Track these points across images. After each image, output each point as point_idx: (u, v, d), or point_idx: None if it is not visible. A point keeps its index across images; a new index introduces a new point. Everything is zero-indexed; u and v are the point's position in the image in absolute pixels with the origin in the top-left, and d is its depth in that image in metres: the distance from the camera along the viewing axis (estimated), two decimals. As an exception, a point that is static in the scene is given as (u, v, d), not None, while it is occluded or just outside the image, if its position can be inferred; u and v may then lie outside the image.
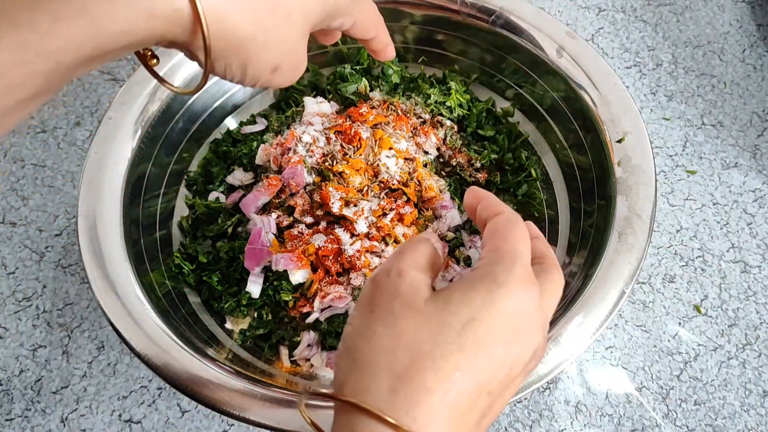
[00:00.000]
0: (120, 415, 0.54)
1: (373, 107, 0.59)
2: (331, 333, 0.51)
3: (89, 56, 0.25)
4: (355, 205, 0.53)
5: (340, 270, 0.51)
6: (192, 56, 0.30)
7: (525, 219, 0.62)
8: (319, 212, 0.53)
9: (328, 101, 0.61)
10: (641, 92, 0.70)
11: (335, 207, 0.52)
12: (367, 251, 0.52)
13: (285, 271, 0.51)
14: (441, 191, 0.57)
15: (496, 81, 0.61)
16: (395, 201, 0.54)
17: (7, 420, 0.53)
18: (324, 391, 0.27)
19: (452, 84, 0.61)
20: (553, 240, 0.55)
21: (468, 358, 0.25)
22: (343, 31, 0.37)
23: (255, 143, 0.59)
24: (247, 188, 0.58)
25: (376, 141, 0.56)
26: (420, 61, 0.64)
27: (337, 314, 0.52)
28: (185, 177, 0.59)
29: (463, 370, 0.24)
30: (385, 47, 0.41)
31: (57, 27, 0.24)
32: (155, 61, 0.32)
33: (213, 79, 0.58)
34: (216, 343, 0.49)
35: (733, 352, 0.56)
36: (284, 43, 0.31)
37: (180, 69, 0.54)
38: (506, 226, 0.30)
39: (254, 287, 0.52)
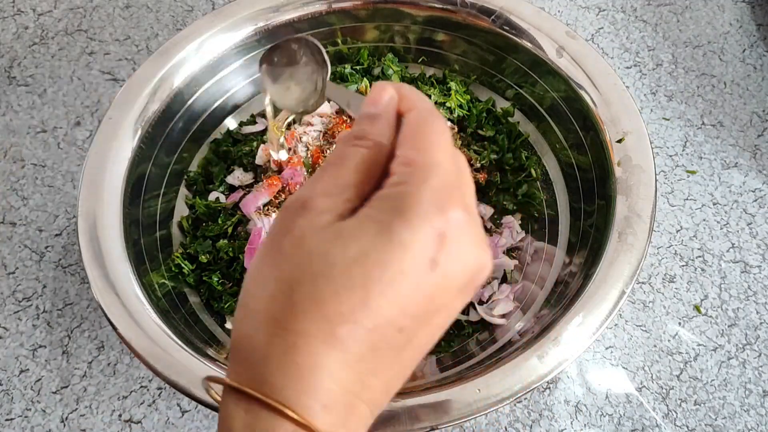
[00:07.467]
0: (120, 415, 0.54)
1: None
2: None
3: None
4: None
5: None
6: None
7: (525, 219, 0.62)
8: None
9: (329, 102, 0.61)
10: (641, 92, 0.70)
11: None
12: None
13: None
14: (441, 191, 0.57)
15: (496, 81, 0.61)
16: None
17: (7, 420, 0.53)
18: (214, 376, 0.24)
19: (452, 84, 0.61)
20: (553, 240, 0.55)
21: (359, 298, 0.20)
22: None
23: (255, 143, 0.59)
24: (248, 188, 0.58)
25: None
26: (420, 61, 0.64)
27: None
28: (185, 177, 0.59)
29: (349, 313, 0.20)
30: None
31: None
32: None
33: (213, 78, 0.58)
34: (216, 343, 0.49)
35: (733, 352, 0.56)
36: None
37: (181, 68, 0.54)
38: (420, 127, 0.24)
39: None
